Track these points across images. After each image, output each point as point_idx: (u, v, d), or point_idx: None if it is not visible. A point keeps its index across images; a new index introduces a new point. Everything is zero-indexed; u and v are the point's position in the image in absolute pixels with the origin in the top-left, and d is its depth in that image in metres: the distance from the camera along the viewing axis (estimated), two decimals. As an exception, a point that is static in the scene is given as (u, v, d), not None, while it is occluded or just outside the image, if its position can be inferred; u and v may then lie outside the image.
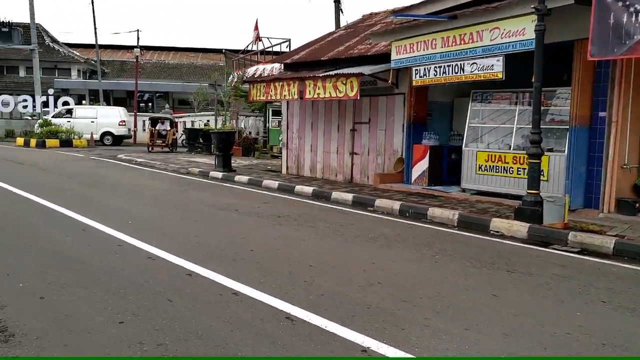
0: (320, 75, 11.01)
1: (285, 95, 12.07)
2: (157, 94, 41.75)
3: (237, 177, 12.19)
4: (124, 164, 15.49)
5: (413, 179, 10.56)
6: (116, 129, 24.02)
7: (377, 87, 11.35)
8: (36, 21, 27.62)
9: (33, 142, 20.85)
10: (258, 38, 17.00)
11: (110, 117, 24.43)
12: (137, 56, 27.00)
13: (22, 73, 39.04)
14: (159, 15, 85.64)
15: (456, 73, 8.76)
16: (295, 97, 11.78)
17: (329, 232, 6.69)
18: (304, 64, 13.16)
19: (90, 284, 4.22)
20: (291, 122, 13.93)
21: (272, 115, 22.09)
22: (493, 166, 8.99)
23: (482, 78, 8.33)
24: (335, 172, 12.72)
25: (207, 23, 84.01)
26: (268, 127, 22.15)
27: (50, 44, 40.62)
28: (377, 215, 8.29)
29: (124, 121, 24.61)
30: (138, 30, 28.84)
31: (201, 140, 20.39)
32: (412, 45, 9.59)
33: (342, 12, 16.02)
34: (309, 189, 10.41)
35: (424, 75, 9.39)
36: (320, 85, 11.03)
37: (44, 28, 40.09)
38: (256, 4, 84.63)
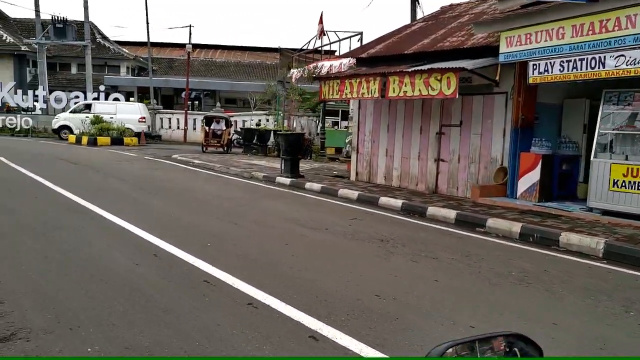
0: (409, 70, 9.60)
1: (363, 94, 10.71)
2: (205, 93, 41.23)
3: (308, 185, 10.91)
4: (182, 165, 14.49)
5: (519, 192, 9.01)
6: (136, 125, 23.00)
7: (472, 84, 9.84)
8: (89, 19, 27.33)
9: (85, 139, 20.26)
10: (322, 32, 15.73)
11: (130, 113, 23.26)
12: (189, 52, 26.17)
13: (73, 70, 39.29)
14: (207, 13, 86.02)
15: (593, 68, 7.17)
16: (376, 95, 10.40)
17: (459, 267, 5.28)
18: (382, 59, 11.77)
19: (188, 348, 2.97)
20: (363, 124, 12.57)
21: (326, 115, 20.89)
22: (634, 182, 7.35)
23: (633, 74, 6.73)
24: (415, 181, 11.28)
25: (254, 21, 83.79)
26: (321, 127, 20.90)
27: (101, 41, 40.73)
28: (494, 240, 6.82)
29: (144, 117, 23.64)
30: (190, 26, 28.14)
31: (256, 141, 19.31)
32: (529, 36, 8.05)
33: (418, 4, 14.57)
34: (396, 202, 9.01)
35: (545, 71, 7.83)
36: (407, 82, 9.62)
37: (95, 25, 40.17)
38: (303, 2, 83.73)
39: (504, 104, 9.60)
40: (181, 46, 51.33)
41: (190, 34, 29.01)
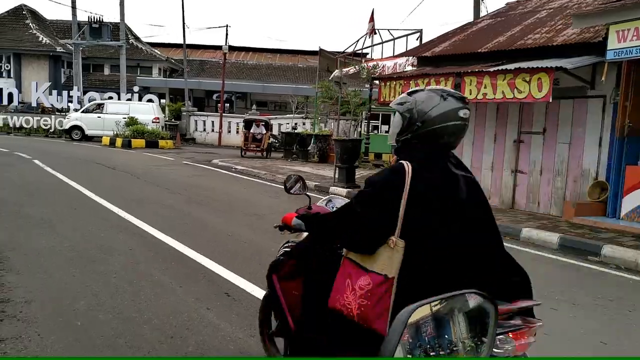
0: (490, 69, 8.45)
1: (432, 96, 9.57)
2: (237, 95, 40.62)
3: (369, 197, 9.83)
4: (223, 171, 13.58)
5: (623, 212, 7.76)
6: (150, 125, 21.97)
7: (559, 87, 8.61)
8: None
9: (119, 141, 19.57)
10: (373, 31, 14.65)
11: (143, 114, 21.96)
12: (225, 53, 25.40)
13: (106, 71, 39.10)
14: (238, 16, 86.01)
15: None
16: (448, 98, 9.26)
17: (612, 317, 4.13)
18: (450, 58, 10.63)
19: None
20: (424, 129, 11.42)
21: (367, 119, 19.79)
22: None
23: None
24: (487, 194, 10.05)
25: (285, 24, 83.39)
26: (361, 131, 19.83)
27: (134, 42, 40.50)
28: (622, 275, 5.62)
29: (158, 118, 22.58)
30: (227, 26, 27.40)
31: (297, 146, 18.34)
32: (648, 29, 6.82)
33: (482, 1, 13.38)
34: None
35: (670, 70, 6.60)
36: (487, 83, 8.47)
37: (128, 27, 39.97)
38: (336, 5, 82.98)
39: (600, 109, 8.37)
40: (213, 48, 51.18)
41: (227, 34, 28.39)
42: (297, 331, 2.34)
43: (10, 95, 25.91)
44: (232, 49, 49.82)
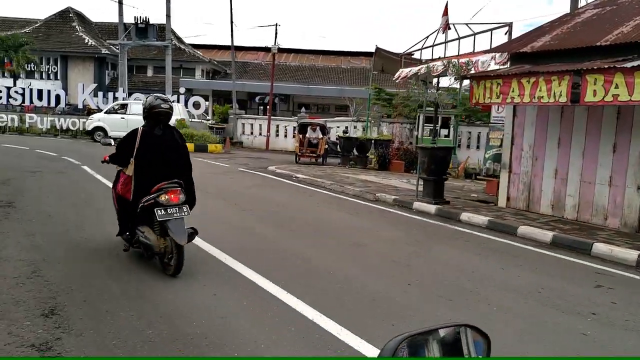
0: (626, 65, 6.92)
1: (541, 97, 8.10)
2: (280, 97, 39.70)
3: (466, 216, 8.41)
4: (285, 180, 12.38)
5: None
6: (198, 129, 20.96)
7: None
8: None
9: (167, 146, 18.68)
10: (447, 25, 13.21)
11: None
12: (274, 54, 24.24)
13: (149, 72, 38.81)
14: (282, 16, 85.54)
15: None
16: (563, 99, 7.75)
17: None
18: (554, 54, 9.10)
19: None
20: (519, 135, 9.94)
21: (424, 122, 18.31)
22: None
23: None
24: (602, 214, 8.53)
25: (328, 25, 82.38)
26: (417, 135, 18.37)
27: (177, 43, 40.09)
28: None
29: (183, 120, 21.08)
30: (276, 25, 26.26)
31: (356, 152, 17.03)
32: None
33: (582, -13, 11.82)
34: (623, 253, 6.35)
35: None
36: (621, 82, 6.94)
37: (171, 27, 39.66)
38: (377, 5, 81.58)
39: None
40: (254, 50, 50.50)
41: (276, 33, 27.40)
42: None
43: (57, 97, 25.51)
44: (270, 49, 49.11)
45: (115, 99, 24.29)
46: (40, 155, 14.06)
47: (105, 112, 21.59)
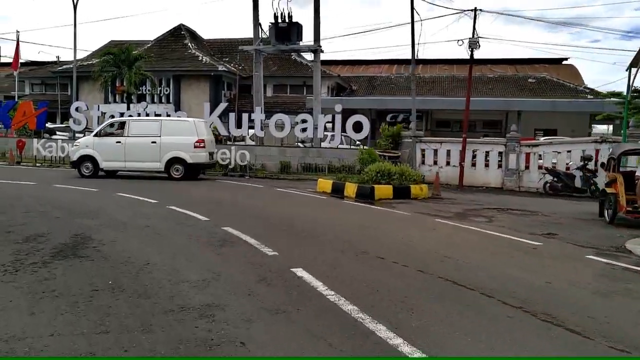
0: None
1: None
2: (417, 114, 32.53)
3: None
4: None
5: None
6: (190, 153, 14.79)
7: None
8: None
9: (351, 188, 12.17)
10: None
11: (181, 135, 14.93)
12: (473, 50, 16.92)
13: (269, 92, 33.35)
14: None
15: None
16: None
17: None
18: None
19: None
20: None
21: None
22: None
23: None
24: None
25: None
26: None
27: (297, 58, 34.72)
28: None
29: (203, 141, 15.03)
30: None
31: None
32: None
33: None
34: None
35: None
36: None
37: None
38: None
39: None
40: (377, 63, 44.23)
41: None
42: None
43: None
44: (399, 62, 42.48)
45: (251, 121, 18.54)
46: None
47: (95, 135, 15.54)
